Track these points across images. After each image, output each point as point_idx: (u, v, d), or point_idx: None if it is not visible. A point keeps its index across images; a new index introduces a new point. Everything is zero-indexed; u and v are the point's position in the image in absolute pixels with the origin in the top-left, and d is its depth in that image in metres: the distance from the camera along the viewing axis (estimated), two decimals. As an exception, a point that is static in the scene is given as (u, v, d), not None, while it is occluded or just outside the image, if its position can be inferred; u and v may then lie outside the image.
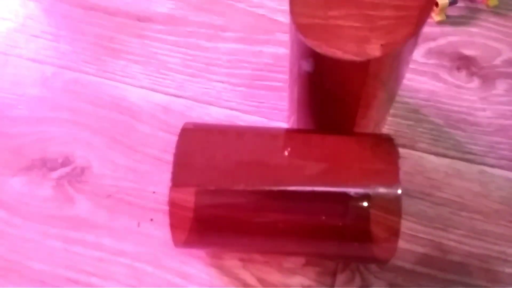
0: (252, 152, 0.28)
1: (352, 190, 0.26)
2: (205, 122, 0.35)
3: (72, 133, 0.36)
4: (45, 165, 0.35)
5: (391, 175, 0.26)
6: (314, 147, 0.28)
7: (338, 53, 0.23)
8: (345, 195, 0.26)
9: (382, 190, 0.26)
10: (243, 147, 0.28)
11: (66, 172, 0.35)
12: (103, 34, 0.40)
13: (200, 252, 0.32)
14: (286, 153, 0.28)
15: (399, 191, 0.25)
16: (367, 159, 0.27)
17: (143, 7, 0.41)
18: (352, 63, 0.23)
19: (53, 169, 0.35)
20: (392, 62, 0.25)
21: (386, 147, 0.27)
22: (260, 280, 0.31)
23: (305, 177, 0.27)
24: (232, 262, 0.32)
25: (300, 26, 0.24)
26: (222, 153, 0.28)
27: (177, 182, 0.26)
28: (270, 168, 0.27)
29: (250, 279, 0.31)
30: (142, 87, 0.38)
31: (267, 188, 0.26)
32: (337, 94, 0.27)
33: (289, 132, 0.31)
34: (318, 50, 0.23)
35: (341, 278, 0.31)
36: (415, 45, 0.26)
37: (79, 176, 0.35)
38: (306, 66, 0.26)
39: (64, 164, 0.35)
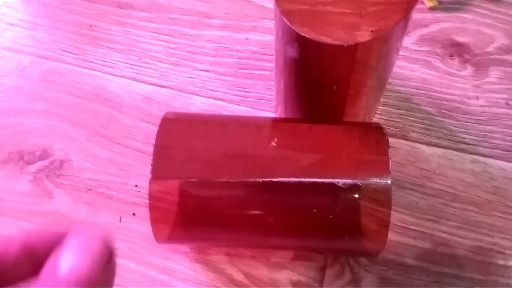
0: (236, 142, 0.27)
1: (340, 181, 0.25)
2: (188, 112, 0.34)
3: (50, 125, 0.35)
4: (22, 158, 0.34)
5: (381, 165, 0.25)
6: (301, 137, 0.27)
7: (325, 38, 0.22)
8: (334, 186, 0.25)
9: (371, 180, 0.25)
10: (227, 138, 0.27)
11: (44, 166, 0.34)
12: (83, 22, 0.39)
13: (185, 248, 0.31)
14: (272, 143, 0.27)
15: (389, 182, 0.24)
16: (356, 149, 0.26)
17: (125, -7, 0.40)
18: (339, 48, 0.22)
19: (30, 162, 0.34)
20: (380, 48, 0.24)
21: (375, 136, 0.26)
22: (247, 275, 0.30)
23: (292, 168, 0.26)
24: (218, 257, 0.31)
25: (286, 12, 0.23)
26: (205, 143, 0.27)
27: (157, 174, 0.25)
28: (255, 159, 0.26)
29: (237, 275, 0.30)
30: (123, 77, 0.36)
31: (252, 179, 0.25)
32: (324, 82, 0.26)
33: (275, 121, 0.30)
34: (304, 34, 0.22)
35: (330, 272, 0.30)
36: (404, 30, 0.25)
37: (58, 170, 0.33)
38: (292, 52, 0.25)
39: (42, 157, 0.34)
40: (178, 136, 0.27)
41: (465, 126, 0.34)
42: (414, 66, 0.36)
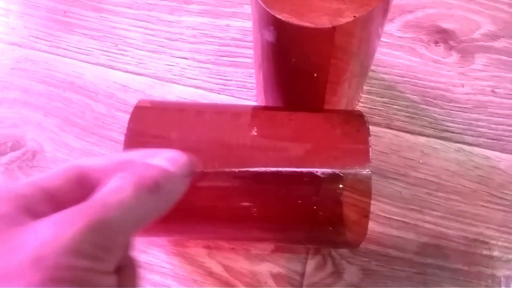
0: (212, 131, 0.26)
1: (320, 170, 0.24)
2: (163, 100, 0.33)
3: (23, 114, 0.34)
4: (-7, 149, 0.33)
5: (361, 154, 0.24)
6: (280, 126, 0.27)
7: (302, 22, 0.21)
8: (313, 176, 0.24)
9: (351, 170, 0.24)
10: (202, 126, 0.26)
11: (16, 157, 0.33)
12: (57, 8, 0.38)
13: (162, 240, 0.30)
14: (250, 132, 0.26)
15: (369, 171, 0.24)
16: (336, 138, 0.25)
17: (101, -22, 0.38)
18: (317, 31, 0.22)
19: (2, 153, 0.33)
20: (360, 32, 0.23)
21: (356, 124, 0.25)
22: (227, 268, 0.30)
23: (270, 158, 0.25)
24: (196, 250, 0.30)
25: None
26: (180, 132, 0.26)
27: None
28: (232, 149, 0.25)
29: (216, 267, 0.30)
30: (98, 64, 0.36)
31: (228, 170, 0.24)
32: (304, 68, 0.25)
33: (253, 109, 0.29)
34: (280, 17, 0.21)
35: (312, 264, 0.30)
36: (385, 15, 0.24)
37: (30, 161, 0.32)
38: (269, 37, 0.24)
39: (13, 148, 0.33)
40: (151, 125, 0.26)
41: (450, 114, 0.33)
42: (398, 53, 0.35)
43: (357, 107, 0.33)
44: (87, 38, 0.36)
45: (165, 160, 0.18)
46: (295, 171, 0.25)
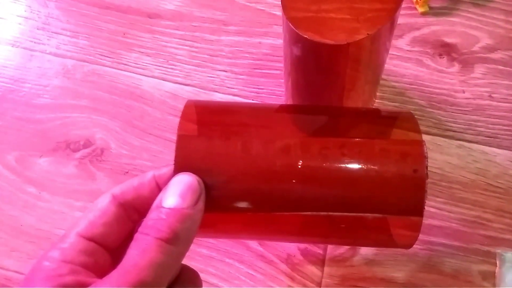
0: (259, 169, 0.23)
1: (370, 216, 0.24)
2: (208, 103, 0.36)
3: (92, 118, 0.40)
4: (69, 146, 0.39)
5: (415, 208, 0.23)
6: (332, 162, 0.24)
7: (323, 39, 0.26)
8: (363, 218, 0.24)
9: (401, 216, 0.24)
10: (248, 160, 0.24)
11: (88, 153, 0.39)
12: (117, 30, 0.44)
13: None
14: (298, 167, 0.23)
15: (421, 219, 0.23)
16: (390, 181, 0.23)
17: (153, 4, 0.45)
18: (335, 47, 0.27)
19: (75, 150, 0.39)
20: (370, 46, 0.28)
21: (414, 161, 0.23)
22: (261, 244, 0.35)
23: (319, 201, 0.24)
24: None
25: (291, 18, 0.27)
26: (225, 170, 0.23)
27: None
28: (278, 189, 0.23)
29: (252, 243, 0.35)
30: (153, 77, 0.42)
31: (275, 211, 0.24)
32: (324, 77, 0.31)
33: (302, 140, 0.25)
34: (305, 35, 0.27)
35: (333, 241, 0.35)
36: (391, 31, 0.30)
37: (99, 156, 0.39)
38: (297, 52, 0.29)
39: (85, 145, 0.39)
40: (197, 159, 0.24)
41: (452, 116, 0.38)
42: (407, 65, 0.41)
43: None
44: (143, 55, 0.43)
45: (177, 197, 0.20)
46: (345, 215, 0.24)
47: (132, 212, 0.22)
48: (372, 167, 0.23)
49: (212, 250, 0.35)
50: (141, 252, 0.18)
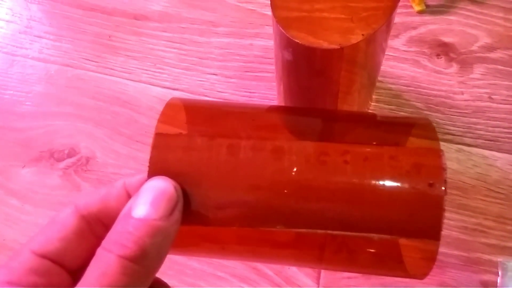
0: (248, 177, 0.21)
1: (376, 236, 0.20)
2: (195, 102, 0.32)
3: (77, 126, 0.39)
4: (53, 156, 0.38)
5: (431, 228, 0.20)
6: (333, 171, 0.20)
7: (315, 43, 0.25)
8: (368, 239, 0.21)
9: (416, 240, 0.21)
10: (236, 168, 0.21)
11: (72, 162, 0.38)
12: (102, 33, 0.43)
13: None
14: (291, 175, 0.20)
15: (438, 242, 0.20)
16: (402, 197, 0.20)
17: (139, 6, 0.43)
18: (328, 51, 0.26)
19: (60, 159, 0.38)
20: (366, 47, 0.27)
21: (429, 173, 0.20)
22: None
23: (318, 217, 0.20)
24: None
25: (281, 19, 0.26)
26: (208, 173, 0.21)
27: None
28: (272, 202, 0.20)
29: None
30: (140, 81, 0.40)
31: (269, 228, 0.21)
32: (318, 80, 0.29)
33: (298, 143, 0.22)
34: (296, 40, 0.25)
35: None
36: (388, 32, 0.28)
37: (84, 165, 0.37)
38: (288, 56, 0.28)
39: (70, 154, 0.38)
40: (175, 165, 0.21)
41: (451, 118, 0.37)
42: (403, 65, 0.39)
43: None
44: (129, 59, 0.41)
45: (148, 205, 0.17)
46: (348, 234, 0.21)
47: (98, 226, 0.19)
48: (380, 178, 0.20)
49: (203, 263, 0.34)
50: (100, 275, 0.15)
